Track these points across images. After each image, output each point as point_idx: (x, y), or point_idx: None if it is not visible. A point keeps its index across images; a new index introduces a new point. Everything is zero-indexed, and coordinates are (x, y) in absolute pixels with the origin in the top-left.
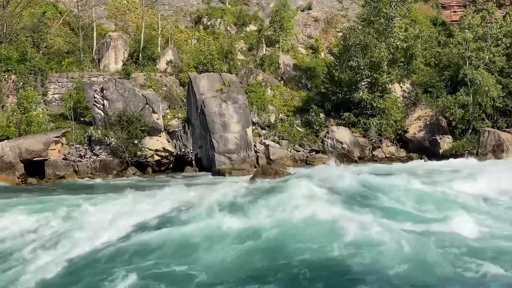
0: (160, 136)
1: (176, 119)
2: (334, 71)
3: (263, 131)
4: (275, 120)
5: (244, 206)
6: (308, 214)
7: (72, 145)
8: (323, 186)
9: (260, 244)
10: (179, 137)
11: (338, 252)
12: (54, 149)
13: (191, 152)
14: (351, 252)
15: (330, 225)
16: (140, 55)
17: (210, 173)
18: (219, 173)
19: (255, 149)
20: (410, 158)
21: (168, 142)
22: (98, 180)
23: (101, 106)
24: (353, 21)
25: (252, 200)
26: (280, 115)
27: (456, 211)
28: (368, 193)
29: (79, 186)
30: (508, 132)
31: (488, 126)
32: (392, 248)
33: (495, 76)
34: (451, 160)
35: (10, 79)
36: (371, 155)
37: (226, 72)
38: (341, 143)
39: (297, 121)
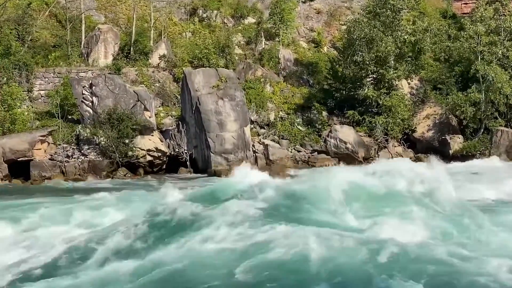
0: (152, 135)
1: (170, 117)
2: (337, 66)
3: (262, 130)
4: (274, 119)
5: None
6: None
7: (59, 144)
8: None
9: None
10: (173, 136)
11: None
12: (40, 149)
13: (186, 152)
14: None
15: None
16: (132, 49)
17: (206, 174)
18: (215, 174)
19: (254, 149)
20: (418, 159)
21: (161, 141)
22: (80, 184)
23: (90, 103)
24: (358, 14)
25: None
26: (280, 113)
27: None
28: None
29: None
30: None
31: (501, 125)
32: None
33: (509, 72)
34: (473, 161)
35: None
36: (377, 155)
37: (223, 67)
38: (345, 143)
39: (298, 120)
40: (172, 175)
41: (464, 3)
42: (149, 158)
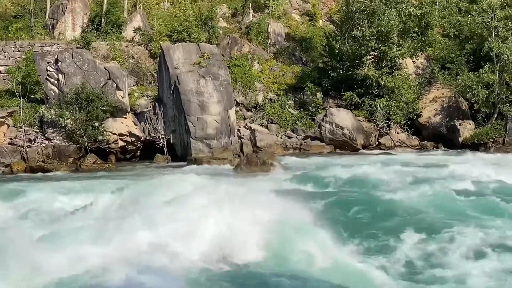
0: (125, 118)
1: (145, 97)
2: (334, 42)
3: (249, 113)
4: (263, 101)
5: None
6: None
7: (20, 127)
8: None
9: None
10: (148, 119)
11: None
12: None
13: (163, 137)
14: None
15: None
16: (103, 20)
17: (185, 162)
18: (196, 162)
19: (239, 134)
20: (423, 147)
21: (135, 125)
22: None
23: (55, 81)
24: None
25: None
26: (269, 94)
27: None
28: None
29: None
30: None
31: None
32: None
33: None
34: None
35: None
36: (377, 143)
37: (205, 42)
38: (342, 128)
39: (289, 102)
40: (146, 163)
41: None
42: (121, 143)
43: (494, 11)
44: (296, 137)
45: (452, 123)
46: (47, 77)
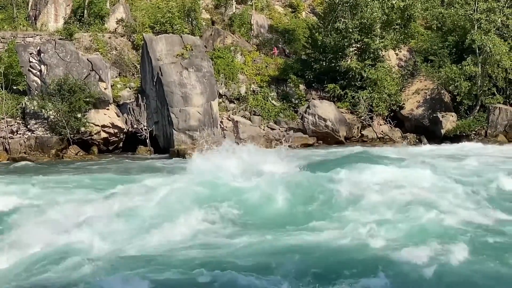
0: (108, 109)
1: (128, 89)
2: (317, 34)
3: (232, 105)
4: (246, 92)
5: None
6: None
7: (2, 118)
8: None
9: None
10: (131, 111)
11: None
12: None
13: (145, 129)
14: None
15: None
16: (86, 11)
17: (167, 154)
18: (178, 154)
19: (222, 126)
20: (406, 139)
21: (118, 116)
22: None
23: (38, 73)
24: None
25: None
26: (252, 86)
27: None
28: None
29: None
30: None
31: (500, 102)
32: None
33: (509, 43)
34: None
35: None
36: (359, 135)
37: (188, 34)
38: (325, 120)
39: (272, 94)
40: (128, 155)
41: None
42: (104, 135)
43: (477, 3)
44: (279, 129)
45: (434, 115)
46: (30, 68)
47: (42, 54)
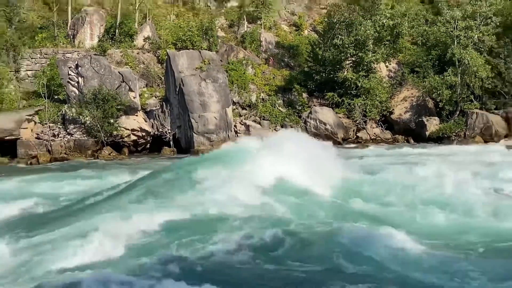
0: (136, 115)
1: (154, 97)
2: (317, 49)
3: (244, 111)
4: (256, 100)
5: None
6: None
7: (45, 124)
8: None
9: None
10: (157, 117)
11: None
12: (27, 128)
13: (169, 132)
14: None
15: None
16: (117, 31)
17: (189, 154)
18: (198, 154)
19: (235, 129)
20: (395, 140)
21: (145, 121)
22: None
23: (76, 84)
24: None
25: None
26: (262, 94)
27: None
28: None
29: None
30: (497, 114)
31: (476, 108)
32: None
33: (484, 56)
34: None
35: None
36: (355, 136)
37: (206, 50)
38: (325, 124)
39: (279, 101)
40: (155, 155)
41: None
42: (133, 137)
43: (456, 22)
44: None
45: (420, 119)
46: (69, 80)
47: (79, 68)
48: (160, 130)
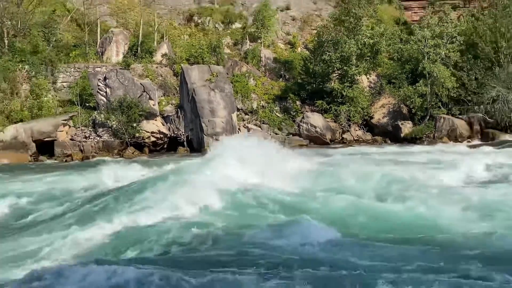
0: (155, 120)
1: (170, 105)
2: (309, 64)
3: (246, 116)
4: (257, 107)
5: None
6: None
7: (78, 127)
8: None
9: None
10: (173, 121)
11: None
12: (62, 131)
13: (183, 134)
14: None
15: None
16: (139, 48)
17: (200, 153)
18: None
19: (239, 132)
20: (375, 141)
21: (163, 125)
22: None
23: (104, 93)
24: (326, 20)
25: None
26: (262, 102)
27: None
28: None
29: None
30: (461, 119)
31: (444, 113)
32: None
33: (450, 70)
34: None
35: (24, 69)
36: (341, 137)
37: (214, 64)
38: (315, 127)
39: (276, 108)
40: (172, 153)
41: (414, 12)
42: (152, 139)
43: (426, 41)
44: (281, 134)
45: (396, 123)
46: (98, 90)
47: (107, 80)
48: (176, 132)
